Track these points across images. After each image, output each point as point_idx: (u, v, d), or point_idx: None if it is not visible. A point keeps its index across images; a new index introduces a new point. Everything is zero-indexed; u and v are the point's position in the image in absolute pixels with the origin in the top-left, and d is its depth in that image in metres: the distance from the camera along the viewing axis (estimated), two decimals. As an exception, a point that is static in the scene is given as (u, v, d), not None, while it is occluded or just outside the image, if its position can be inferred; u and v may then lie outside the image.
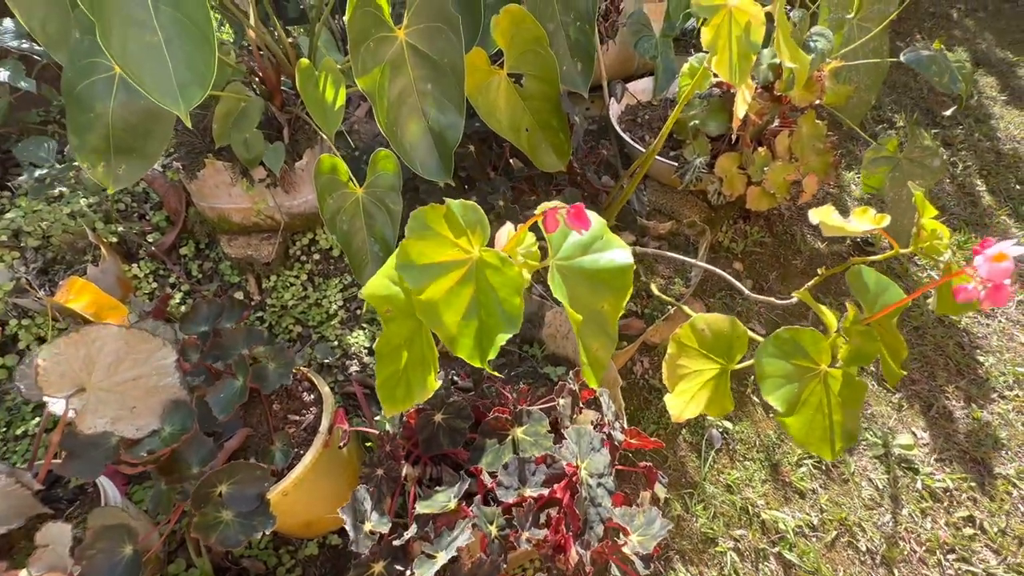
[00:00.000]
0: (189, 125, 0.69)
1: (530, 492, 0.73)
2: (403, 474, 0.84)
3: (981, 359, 1.47)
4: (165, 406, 0.78)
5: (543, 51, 1.11)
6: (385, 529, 0.72)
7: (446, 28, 0.94)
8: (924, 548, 1.17)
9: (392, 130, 0.99)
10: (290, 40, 1.28)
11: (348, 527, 0.70)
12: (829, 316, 0.82)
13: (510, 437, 0.84)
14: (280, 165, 1.28)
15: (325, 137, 1.06)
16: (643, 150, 1.55)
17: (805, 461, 1.28)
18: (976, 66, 2.39)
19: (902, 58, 1.38)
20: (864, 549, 1.16)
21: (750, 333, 0.86)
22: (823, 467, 1.28)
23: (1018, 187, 1.90)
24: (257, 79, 1.31)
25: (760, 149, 1.48)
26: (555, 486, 0.74)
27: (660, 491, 0.88)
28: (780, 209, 1.80)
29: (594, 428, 0.94)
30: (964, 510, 1.22)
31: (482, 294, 0.50)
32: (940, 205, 1.86)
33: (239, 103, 1.25)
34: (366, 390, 1.33)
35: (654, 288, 1.07)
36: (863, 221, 0.87)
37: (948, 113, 2.11)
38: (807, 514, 1.21)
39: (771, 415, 1.35)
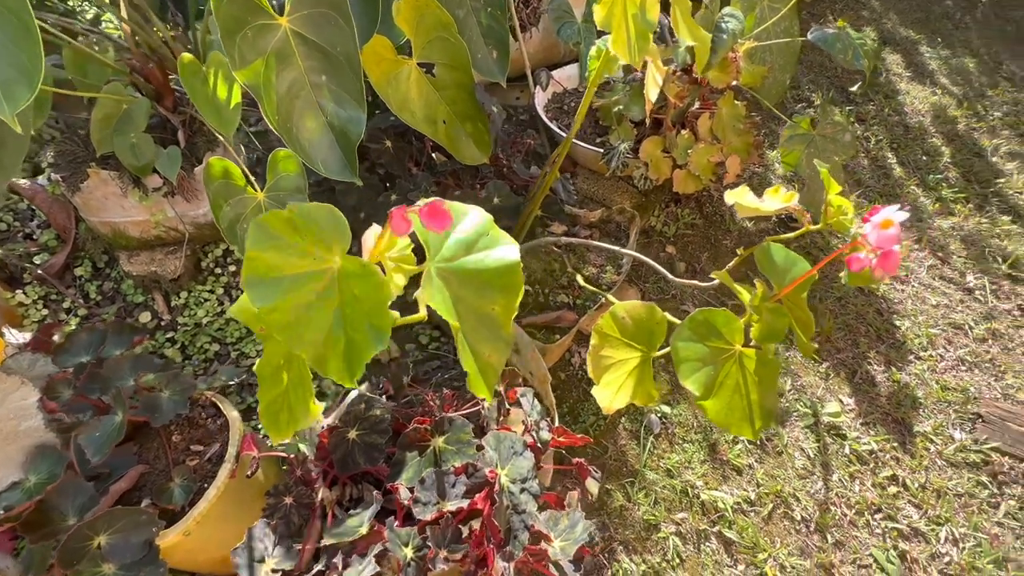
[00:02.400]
0: (19, 131, 0.60)
1: (449, 506, 0.69)
2: (319, 498, 0.78)
3: (898, 323, 1.55)
4: (28, 453, 0.69)
5: (452, 38, 1.06)
6: (289, 566, 0.66)
7: (334, 14, 0.86)
8: (854, 511, 1.21)
9: (286, 127, 0.91)
10: (173, 34, 1.16)
11: (242, 571, 0.63)
12: (745, 295, 0.82)
13: (431, 448, 0.80)
14: (176, 172, 1.17)
15: (223, 139, 0.97)
16: (569, 138, 1.52)
17: (741, 438, 1.31)
18: (883, 44, 2.51)
19: (809, 36, 1.41)
20: (799, 518, 1.20)
21: (670, 317, 0.85)
22: (758, 442, 1.31)
23: (924, 158, 2.01)
24: (142, 78, 1.19)
25: (683, 132, 1.49)
26: (476, 496, 0.71)
27: (592, 487, 0.86)
28: (709, 191, 1.83)
29: (525, 429, 0.91)
30: (888, 470, 1.27)
31: (348, 307, 0.44)
32: (856, 179, 1.95)
33: (120, 105, 1.13)
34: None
35: (580, 279, 1.05)
36: (775, 200, 0.88)
37: (854, 89, 2.20)
38: (744, 490, 1.23)
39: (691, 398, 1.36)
